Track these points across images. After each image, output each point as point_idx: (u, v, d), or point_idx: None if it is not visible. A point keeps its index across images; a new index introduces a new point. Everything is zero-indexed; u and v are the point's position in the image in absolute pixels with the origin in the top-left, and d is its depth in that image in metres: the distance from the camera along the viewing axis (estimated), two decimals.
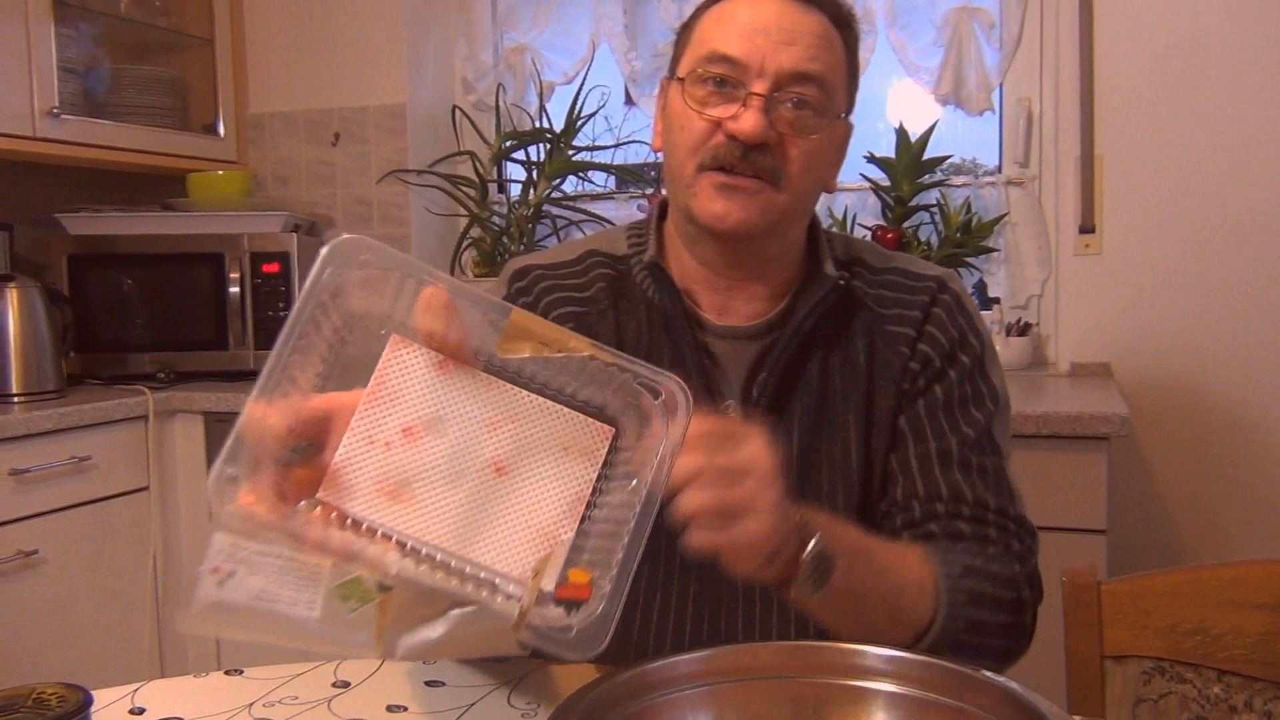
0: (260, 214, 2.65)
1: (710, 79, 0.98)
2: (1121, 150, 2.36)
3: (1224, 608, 1.05)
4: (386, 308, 0.69)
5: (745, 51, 0.97)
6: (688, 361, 1.04)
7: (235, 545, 0.61)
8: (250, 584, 0.60)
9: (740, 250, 1.04)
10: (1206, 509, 2.32)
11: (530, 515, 0.68)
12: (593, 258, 1.12)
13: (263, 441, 0.64)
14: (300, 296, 0.66)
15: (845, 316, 1.07)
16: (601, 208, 2.81)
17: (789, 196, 0.99)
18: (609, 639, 0.63)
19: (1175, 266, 2.33)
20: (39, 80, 2.34)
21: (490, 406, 0.69)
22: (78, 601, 2.17)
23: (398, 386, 0.69)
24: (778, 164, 0.98)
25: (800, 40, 0.97)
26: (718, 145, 0.98)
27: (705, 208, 0.99)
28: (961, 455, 1.02)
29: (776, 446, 0.79)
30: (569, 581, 0.65)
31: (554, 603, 0.64)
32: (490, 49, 2.92)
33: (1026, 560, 1.01)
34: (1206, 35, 2.27)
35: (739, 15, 0.99)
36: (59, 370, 2.35)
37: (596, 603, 0.64)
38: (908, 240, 2.40)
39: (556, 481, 0.69)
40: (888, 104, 2.68)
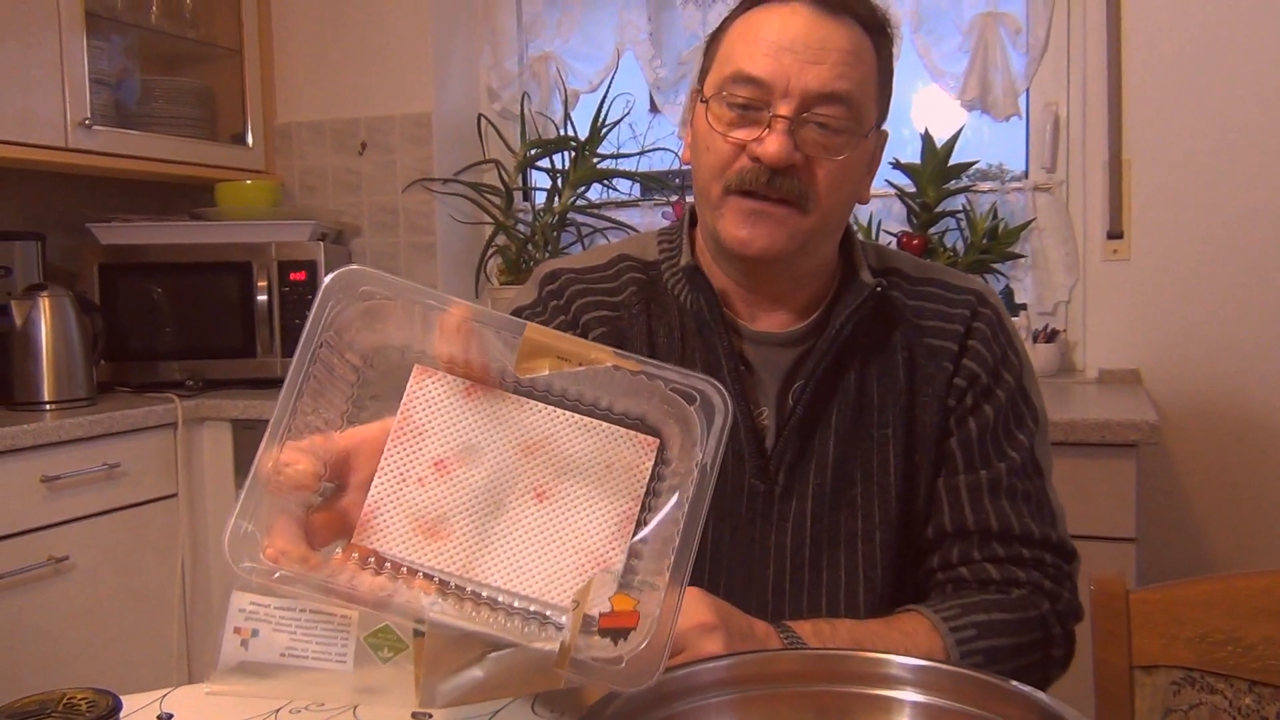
0: (287, 223, 2.67)
1: (735, 101, 0.96)
2: (1149, 155, 2.34)
3: (1256, 617, 1.04)
4: (404, 338, 0.67)
5: (770, 71, 0.95)
6: (723, 367, 1.03)
7: (255, 603, 0.59)
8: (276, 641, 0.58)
9: (766, 272, 1.03)
10: (1237, 517, 2.29)
11: (577, 541, 0.65)
12: (624, 262, 1.11)
13: (284, 489, 0.62)
14: (304, 335, 0.63)
15: (883, 326, 1.06)
16: (626, 215, 2.82)
17: (817, 218, 0.98)
18: (661, 671, 0.60)
19: (1204, 272, 2.30)
20: (71, 92, 2.37)
21: (524, 430, 0.66)
22: (107, 607, 2.19)
23: (425, 419, 0.66)
24: (805, 186, 0.96)
25: (828, 58, 0.95)
26: (743, 169, 0.96)
27: (731, 233, 0.98)
28: (1009, 484, 1.03)
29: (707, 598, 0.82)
30: (613, 610, 0.62)
31: (599, 633, 0.61)
32: (515, 58, 2.93)
33: (1058, 595, 1.02)
34: (1234, 38, 2.25)
35: (766, 31, 0.96)
36: (90, 378, 2.37)
37: (645, 630, 0.60)
38: (934, 247, 2.39)
39: (602, 502, 0.66)
40: (913, 110, 2.67)
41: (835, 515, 1.02)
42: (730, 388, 1.02)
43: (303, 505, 0.63)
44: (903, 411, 1.04)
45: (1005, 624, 0.97)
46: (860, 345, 1.04)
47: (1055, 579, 1.02)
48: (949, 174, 2.38)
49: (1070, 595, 1.03)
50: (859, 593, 1.02)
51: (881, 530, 1.02)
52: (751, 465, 1.03)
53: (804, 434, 1.03)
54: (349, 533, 0.64)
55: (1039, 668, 0.99)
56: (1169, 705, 1.05)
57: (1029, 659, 0.97)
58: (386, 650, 0.59)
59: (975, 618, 0.96)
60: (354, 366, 0.66)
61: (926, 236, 2.38)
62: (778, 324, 1.06)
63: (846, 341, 1.03)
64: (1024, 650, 0.97)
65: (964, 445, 1.04)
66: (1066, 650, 1.02)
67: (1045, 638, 0.99)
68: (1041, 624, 0.99)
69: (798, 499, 1.02)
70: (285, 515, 0.61)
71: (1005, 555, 1.01)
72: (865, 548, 1.02)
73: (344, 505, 0.66)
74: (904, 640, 0.93)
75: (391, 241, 2.88)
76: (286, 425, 0.61)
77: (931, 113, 2.57)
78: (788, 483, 1.02)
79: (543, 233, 2.69)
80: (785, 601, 1.02)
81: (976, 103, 2.47)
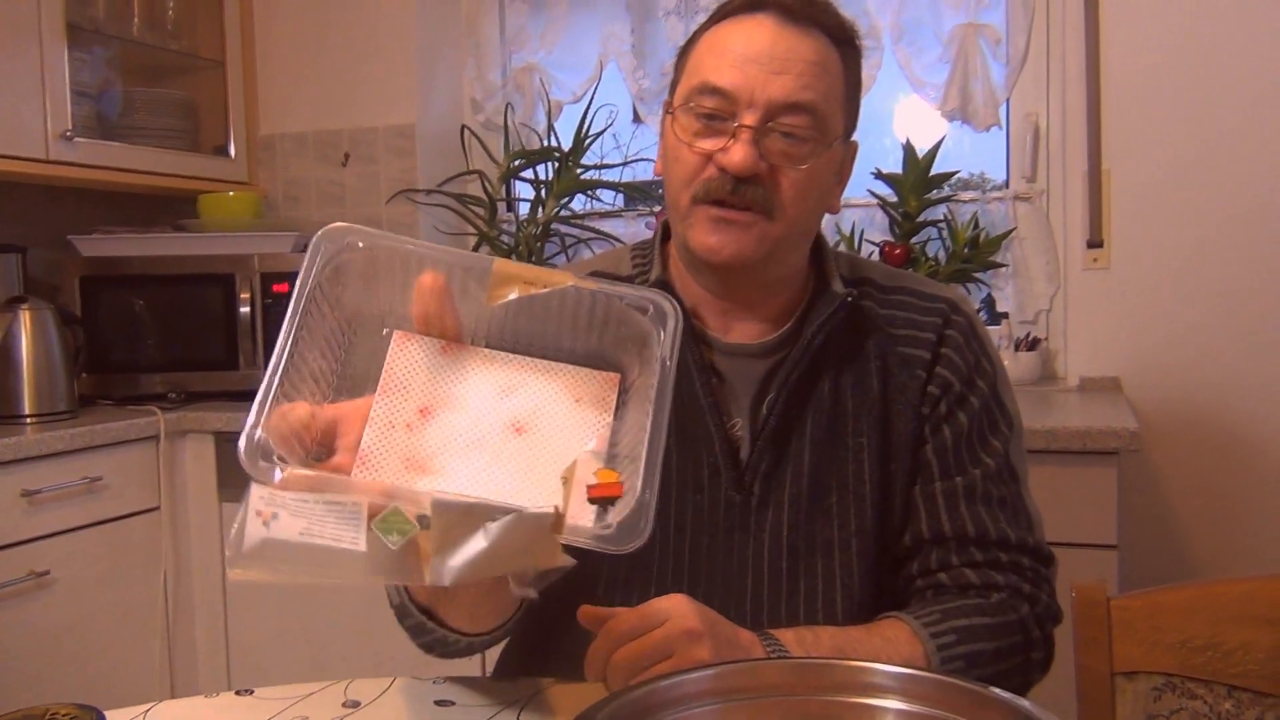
0: (271, 234, 2.66)
1: (701, 112, 0.98)
2: (1129, 164, 2.36)
3: (1235, 623, 1.05)
4: (385, 301, 0.72)
5: (735, 82, 0.96)
6: (694, 381, 1.04)
7: (273, 493, 0.61)
8: (294, 524, 0.60)
9: (738, 279, 1.04)
10: (1217, 523, 2.31)
11: (555, 464, 0.70)
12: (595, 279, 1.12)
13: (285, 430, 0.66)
14: (296, 288, 0.68)
15: (856, 336, 1.06)
16: (610, 225, 2.82)
17: (783, 225, 0.99)
18: (648, 530, 0.65)
19: (1184, 280, 2.32)
20: (52, 104, 2.36)
21: (499, 377, 0.72)
22: (89, 622, 2.17)
23: (407, 376, 0.71)
24: (770, 194, 0.98)
25: (792, 69, 0.96)
26: (710, 178, 0.98)
27: (700, 240, 1.00)
28: (985, 489, 1.04)
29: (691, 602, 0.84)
30: (599, 482, 0.67)
31: (589, 502, 0.66)
32: (499, 69, 2.94)
33: (1037, 599, 1.03)
34: (1212, 50, 2.28)
35: (732, 44, 0.98)
36: (71, 391, 2.36)
37: (630, 495, 0.66)
38: (916, 256, 2.40)
39: (575, 430, 0.71)
40: (894, 120, 2.69)
41: (812, 524, 1.03)
42: (703, 401, 1.03)
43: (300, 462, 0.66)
44: (877, 420, 1.04)
45: (985, 628, 0.97)
46: (834, 355, 1.05)
47: (1034, 582, 1.03)
48: (930, 184, 2.40)
49: (1049, 598, 1.04)
50: (838, 601, 1.02)
51: (858, 538, 1.03)
52: (727, 476, 1.03)
53: (779, 444, 1.03)
54: None
55: (1020, 671, 1.00)
56: (1150, 711, 1.06)
57: (1010, 662, 0.98)
58: (395, 535, 0.61)
59: (955, 623, 0.96)
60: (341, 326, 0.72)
61: (909, 246, 2.40)
62: (751, 335, 1.07)
63: (820, 351, 1.04)
64: (1004, 654, 0.98)
65: (939, 452, 1.05)
66: (1046, 653, 1.02)
67: (1025, 641, 1.00)
68: (1021, 627, 1.00)
69: (774, 509, 1.03)
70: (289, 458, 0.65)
71: (983, 560, 1.02)
72: (842, 556, 1.03)
73: (336, 463, 0.70)
74: (885, 646, 0.93)
75: None
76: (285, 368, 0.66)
77: (913, 123, 2.59)
78: (764, 493, 1.03)
79: (526, 243, 2.69)
80: (764, 611, 1.02)
81: (957, 113, 2.49)
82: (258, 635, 2.42)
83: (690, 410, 1.04)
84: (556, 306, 0.73)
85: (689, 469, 1.04)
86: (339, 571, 0.62)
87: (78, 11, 2.51)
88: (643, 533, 0.65)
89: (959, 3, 2.48)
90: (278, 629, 2.39)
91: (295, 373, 0.67)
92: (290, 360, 0.67)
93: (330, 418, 0.70)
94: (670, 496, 1.03)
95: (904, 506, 1.05)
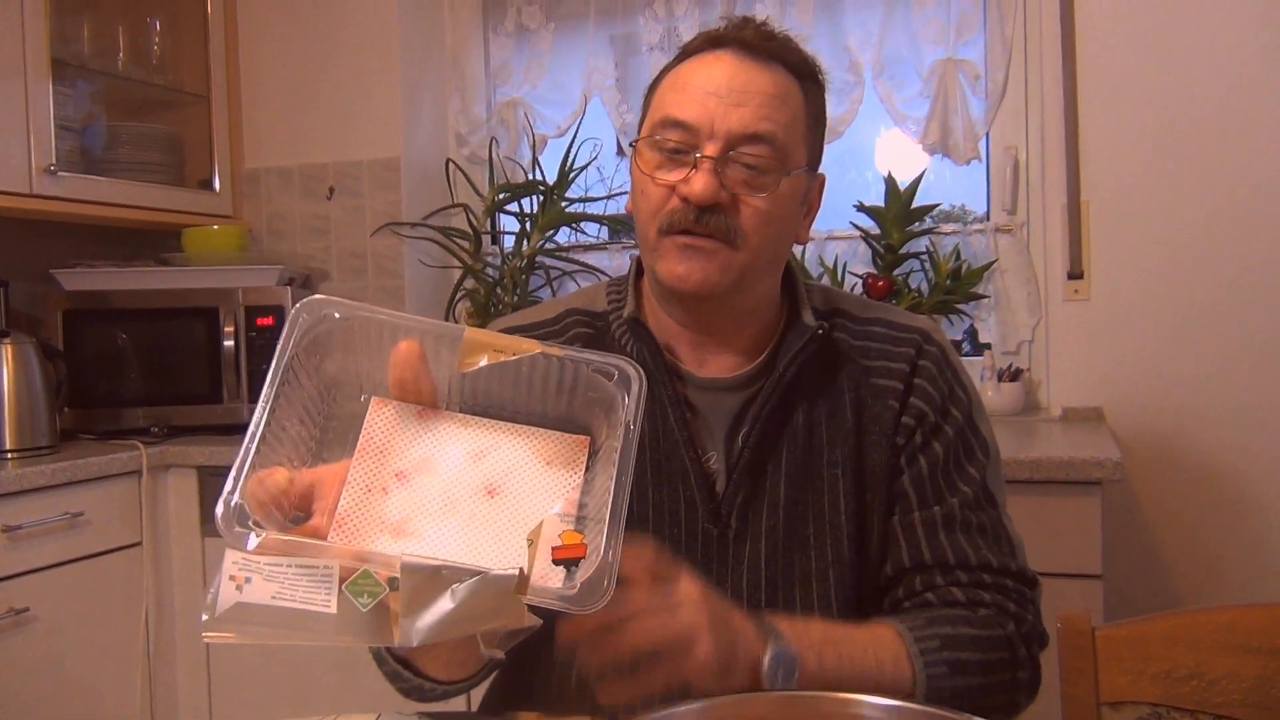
0: (254, 268, 2.66)
1: (665, 146, 1.00)
2: (1107, 197, 2.39)
3: (1220, 652, 1.05)
4: (362, 369, 0.75)
5: (696, 115, 0.98)
6: (669, 415, 1.04)
7: (246, 558, 0.63)
8: (267, 588, 0.62)
9: (707, 309, 1.05)
10: (1200, 552, 2.31)
11: (526, 526, 0.71)
12: (571, 317, 1.13)
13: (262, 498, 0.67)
14: (276, 353, 0.70)
15: (830, 368, 1.07)
16: (594, 258, 2.83)
17: (747, 254, 1.00)
18: (611, 590, 0.66)
19: (1164, 310, 2.35)
20: (36, 138, 2.36)
21: (472, 440, 0.74)
22: (69, 659, 2.15)
23: (384, 440, 0.73)
24: (732, 222, 0.99)
25: (751, 101, 0.98)
26: (674, 209, 0.99)
27: (669, 270, 1.01)
28: (964, 517, 1.04)
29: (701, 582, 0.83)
30: (564, 543, 0.69)
31: (553, 563, 0.68)
32: (483, 103, 2.95)
33: (1022, 619, 1.03)
34: (1187, 85, 2.31)
35: (693, 79, 1.00)
36: (53, 426, 2.34)
37: (595, 555, 0.67)
38: (899, 288, 2.42)
39: (545, 492, 0.74)
40: (876, 153, 2.71)
41: (789, 556, 1.03)
42: (677, 435, 1.04)
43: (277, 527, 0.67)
44: (851, 451, 1.05)
45: (970, 639, 0.98)
46: (807, 386, 1.06)
47: (1019, 603, 1.04)
48: (912, 216, 2.42)
49: (1034, 619, 1.04)
50: None
51: (836, 569, 1.03)
52: (704, 510, 1.03)
53: (754, 476, 1.04)
54: None
55: (1007, 688, 0.99)
56: None
57: (996, 677, 0.98)
58: (366, 597, 0.63)
59: (940, 629, 0.97)
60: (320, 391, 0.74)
61: (891, 278, 2.41)
62: (724, 369, 1.07)
63: (793, 384, 1.05)
64: (991, 668, 0.98)
65: (916, 483, 1.05)
66: (1032, 674, 1.02)
67: (1011, 658, 1.00)
68: (1007, 644, 1.00)
69: (751, 541, 1.03)
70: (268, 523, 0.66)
71: (968, 581, 1.03)
72: (820, 587, 1.03)
73: (313, 525, 0.70)
74: (873, 643, 0.94)
75: (360, 286, 2.87)
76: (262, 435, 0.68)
77: (894, 156, 2.61)
78: (740, 526, 1.03)
79: (511, 276, 2.70)
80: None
81: (938, 146, 2.51)
82: (240, 672, 2.39)
83: (665, 445, 1.04)
84: (527, 371, 0.75)
85: (665, 503, 1.04)
86: (310, 633, 0.63)
87: (63, 47, 2.52)
88: (606, 593, 0.66)
89: (939, 38, 2.51)
90: (260, 666, 2.36)
91: (274, 439, 0.69)
92: (268, 427, 0.68)
93: (308, 482, 0.71)
94: (647, 530, 1.03)
95: (882, 537, 1.05)
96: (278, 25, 2.91)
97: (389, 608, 0.63)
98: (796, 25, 2.60)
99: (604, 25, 2.81)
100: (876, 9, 2.57)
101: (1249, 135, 2.28)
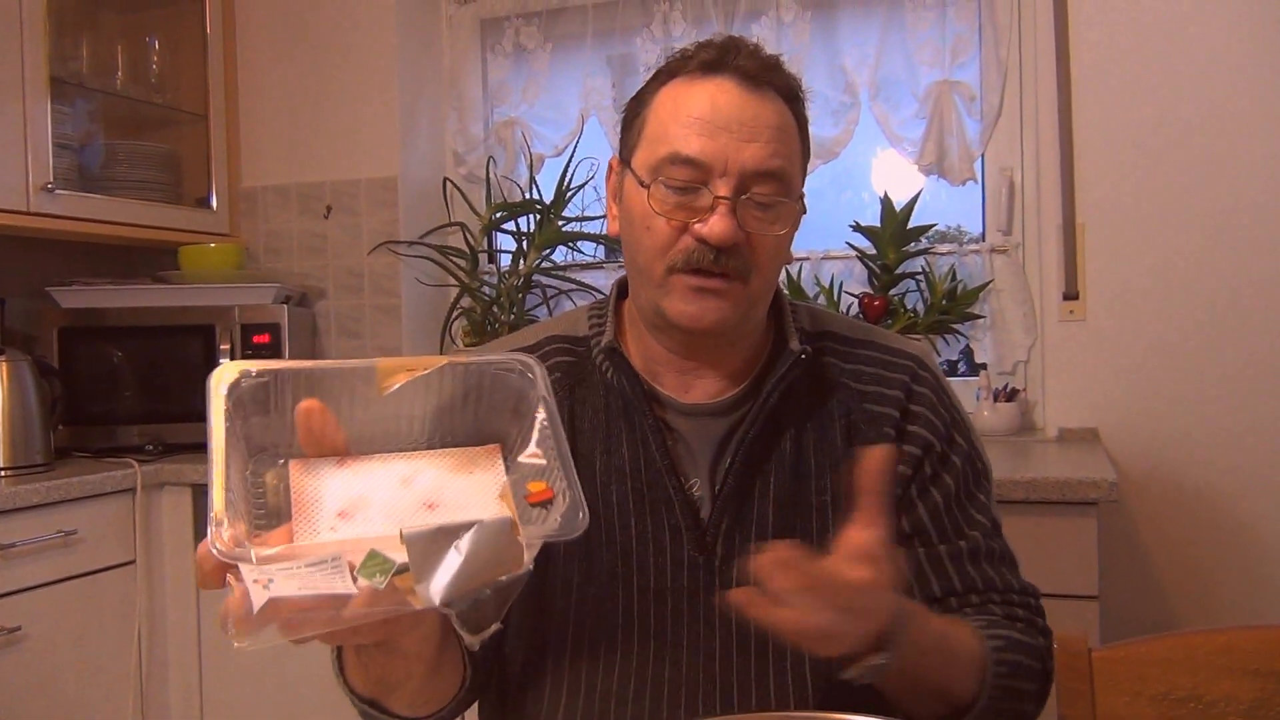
0: (251, 286, 2.66)
1: (674, 185, 0.97)
2: (1102, 218, 2.40)
3: (1217, 674, 1.05)
4: (274, 435, 0.77)
5: (707, 152, 0.96)
6: (650, 443, 1.03)
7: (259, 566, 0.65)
8: (289, 583, 0.64)
9: (709, 341, 1.04)
10: (1197, 573, 2.31)
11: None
12: (552, 344, 1.11)
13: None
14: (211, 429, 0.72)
15: (819, 392, 1.06)
16: (591, 277, 2.84)
17: (759, 285, 1.00)
18: (587, 515, 0.71)
19: (1159, 330, 2.35)
20: (34, 156, 2.37)
21: (397, 471, 0.77)
22: (61, 679, 2.13)
23: (315, 494, 0.75)
24: (747, 261, 0.98)
25: (761, 135, 0.96)
26: (689, 248, 0.97)
27: (680, 310, 0.99)
28: (988, 547, 1.06)
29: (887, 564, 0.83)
30: (531, 491, 0.75)
31: (530, 507, 0.74)
32: (481, 123, 2.96)
33: (1047, 633, 1.07)
34: (1181, 107, 2.33)
35: (696, 109, 0.97)
36: (47, 443, 2.34)
37: (561, 495, 0.74)
38: (895, 308, 2.42)
39: (480, 492, 0.77)
40: (872, 174, 2.72)
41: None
42: (659, 463, 1.03)
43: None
44: (842, 477, 1.04)
45: (1020, 643, 1.01)
46: (795, 411, 1.05)
47: (1039, 615, 1.08)
48: (908, 236, 2.42)
49: (1046, 627, 1.08)
50: (806, 660, 1.01)
51: None
52: (689, 537, 1.02)
53: (739, 502, 1.03)
54: None
55: (1039, 698, 1.03)
56: None
57: (1035, 686, 1.02)
58: (378, 575, 0.65)
59: (999, 631, 1.00)
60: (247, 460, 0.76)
61: (887, 298, 2.42)
62: (709, 394, 1.06)
63: (779, 408, 1.04)
64: (1034, 676, 1.02)
65: (933, 516, 1.05)
66: (1050, 684, 1.06)
67: (1044, 669, 1.04)
68: (1041, 655, 1.04)
69: (737, 568, 1.02)
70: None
71: (1000, 602, 1.06)
72: None
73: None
74: (969, 639, 0.96)
75: (356, 304, 2.88)
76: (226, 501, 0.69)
77: (890, 177, 2.62)
78: (726, 552, 1.02)
79: (508, 295, 2.70)
80: (733, 672, 1.01)
81: (934, 167, 2.52)
82: (233, 693, 2.38)
83: (648, 473, 1.03)
84: (437, 383, 0.78)
85: (649, 531, 1.03)
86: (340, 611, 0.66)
87: (61, 65, 2.53)
88: (585, 518, 0.71)
89: (934, 60, 2.53)
90: (253, 686, 2.35)
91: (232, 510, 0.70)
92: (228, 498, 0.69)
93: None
94: (632, 559, 1.03)
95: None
96: (276, 44, 2.93)
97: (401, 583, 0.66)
98: (793, 47, 2.61)
99: (601, 46, 2.83)
100: (872, 31, 2.58)
101: (1243, 157, 2.29)
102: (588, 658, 1.02)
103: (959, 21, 2.51)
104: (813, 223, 1.14)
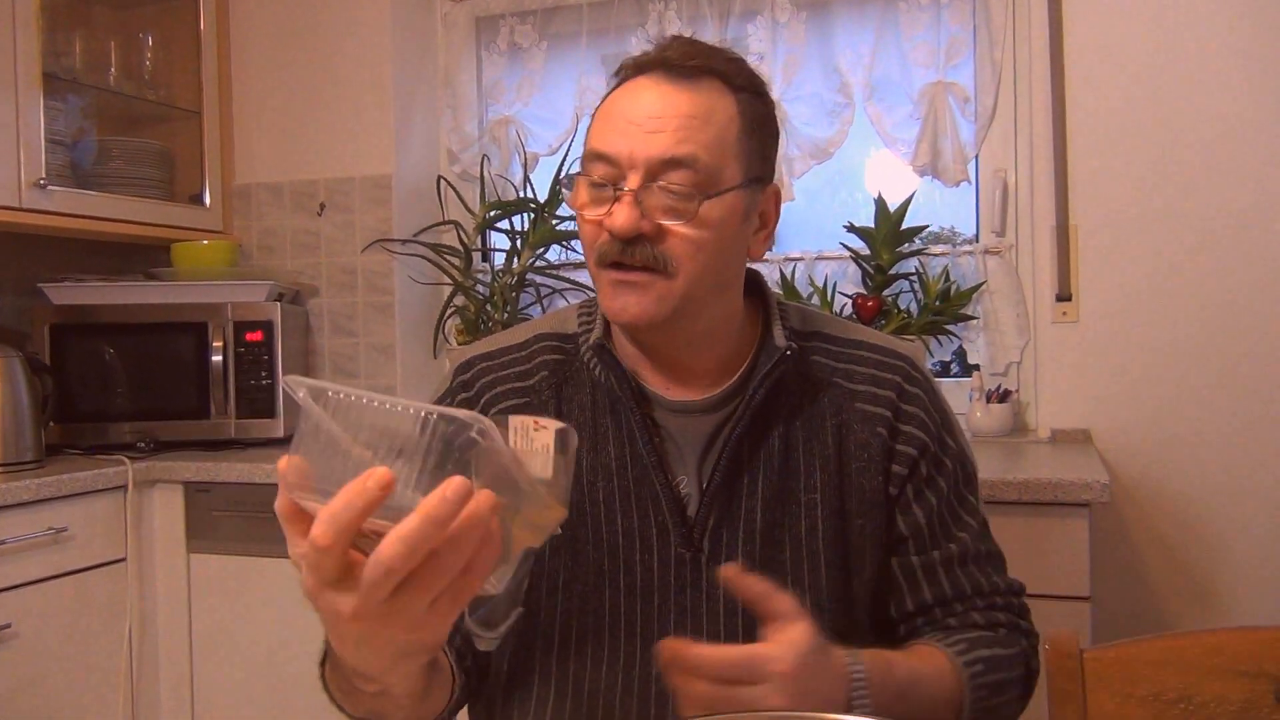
0: (244, 283, 2.66)
1: (592, 181, 0.99)
2: (1095, 220, 2.40)
3: (1208, 675, 1.05)
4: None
5: (617, 148, 0.96)
6: (637, 440, 1.03)
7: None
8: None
9: (656, 338, 1.04)
10: (1188, 574, 2.32)
11: None
12: (540, 342, 1.11)
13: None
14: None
15: (809, 391, 1.06)
16: (584, 276, 2.83)
17: (685, 281, 0.97)
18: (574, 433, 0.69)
19: (1152, 332, 2.36)
20: (26, 152, 2.36)
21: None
22: (51, 676, 2.13)
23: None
24: (660, 251, 0.96)
25: (668, 125, 0.95)
26: (603, 243, 0.98)
27: (607, 305, 1.00)
28: (975, 549, 1.07)
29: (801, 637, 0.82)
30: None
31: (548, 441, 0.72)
32: (475, 121, 2.96)
33: (1030, 633, 1.08)
34: (1175, 108, 2.33)
35: (617, 108, 0.99)
36: (39, 440, 2.33)
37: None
38: (888, 308, 2.43)
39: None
40: (866, 174, 2.72)
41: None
42: (646, 460, 1.03)
43: None
44: (832, 476, 1.04)
45: (1000, 659, 1.02)
46: (784, 409, 1.05)
47: (1023, 617, 1.09)
48: (902, 237, 2.43)
49: (1030, 628, 1.09)
50: None
51: (812, 594, 1.02)
52: (676, 534, 1.02)
53: (726, 499, 1.03)
54: None
55: (1019, 702, 1.05)
56: None
57: (1015, 693, 1.04)
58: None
59: (980, 652, 1.00)
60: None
61: (881, 298, 2.42)
62: (694, 391, 1.06)
63: (767, 406, 1.04)
64: (1015, 684, 1.03)
65: (928, 519, 1.06)
66: (1034, 684, 1.08)
67: (1026, 673, 1.05)
68: (1024, 660, 1.05)
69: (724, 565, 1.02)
70: None
71: (984, 606, 1.07)
72: None
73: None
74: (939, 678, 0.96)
75: (350, 302, 2.87)
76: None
77: (884, 177, 2.62)
78: (714, 550, 1.02)
79: (501, 293, 2.70)
80: None
81: (928, 168, 2.53)
82: (224, 690, 2.37)
83: (635, 470, 1.03)
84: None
85: (636, 528, 1.03)
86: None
87: (54, 61, 2.52)
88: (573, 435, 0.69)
89: (929, 61, 2.53)
90: (244, 684, 2.35)
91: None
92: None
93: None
94: (619, 556, 1.03)
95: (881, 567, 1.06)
96: (270, 41, 2.92)
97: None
98: (788, 47, 2.61)
99: (596, 45, 2.83)
100: (867, 32, 2.58)
101: (1237, 160, 2.30)
102: (575, 655, 1.02)
103: (954, 23, 2.51)
104: (807, 223, 1.14)
